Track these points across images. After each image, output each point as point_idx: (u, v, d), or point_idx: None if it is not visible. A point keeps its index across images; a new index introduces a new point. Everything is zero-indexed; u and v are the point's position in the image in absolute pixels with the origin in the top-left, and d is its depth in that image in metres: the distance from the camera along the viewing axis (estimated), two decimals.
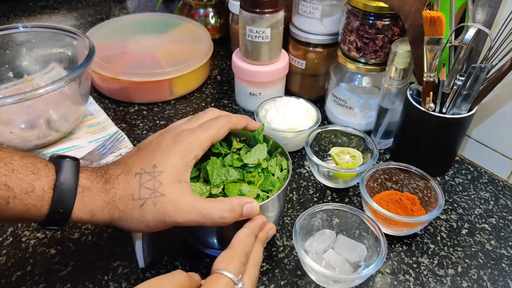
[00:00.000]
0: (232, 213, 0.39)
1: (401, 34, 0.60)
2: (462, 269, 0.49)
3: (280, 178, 0.47)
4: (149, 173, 0.38)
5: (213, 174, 0.44)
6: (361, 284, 0.47)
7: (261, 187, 0.45)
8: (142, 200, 0.37)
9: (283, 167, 0.48)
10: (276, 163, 0.48)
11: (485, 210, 0.57)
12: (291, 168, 0.47)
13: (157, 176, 0.38)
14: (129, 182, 0.38)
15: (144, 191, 0.38)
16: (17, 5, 1.09)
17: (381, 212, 0.48)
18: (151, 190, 0.38)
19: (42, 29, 0.67)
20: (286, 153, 0.48)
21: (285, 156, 0.48)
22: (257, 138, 0.48)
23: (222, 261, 0.37)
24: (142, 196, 0.38)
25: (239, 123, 0.46)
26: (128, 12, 1.10)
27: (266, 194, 0.45)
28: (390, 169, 0.56)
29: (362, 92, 0.66)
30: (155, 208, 0.37)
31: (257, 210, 0.40)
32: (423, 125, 0.57)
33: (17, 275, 0.46)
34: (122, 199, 0.38)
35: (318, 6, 0.64)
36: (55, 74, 0.68)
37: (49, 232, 0.51)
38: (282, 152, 0.49)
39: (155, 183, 0.38)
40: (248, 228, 0.41)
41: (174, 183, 0.38)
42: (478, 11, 0.52)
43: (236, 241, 0.39)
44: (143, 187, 0.38)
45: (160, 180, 0.38)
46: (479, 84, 0.51)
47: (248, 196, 0.43)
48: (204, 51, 0.78)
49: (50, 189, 0.35)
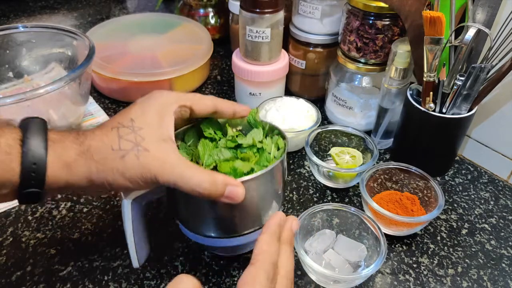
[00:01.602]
0: (212, 186, 0.35)
1: (401, 34, 0.60)
2: (462, 269, 0.49)
3: (277, 156, 0.43)
4: (128, 127, 0.36)
5: (205, 155, 0.42)
6: (361, 284, 0.47)
7: (256, 164, 0.42)
8: (123, 151, 0.35)
9: (279, 146, 0.44)
10: (272, 141, 0.45)
11: (485, 210, 0.57)
12: (288, 145, 0.43)
13: (138, 131, 0.36)
14: (106, 134, 0.36)
15: (125, 143, 0.35)
16: (17, 5, 1.09)
17: (381, 212, 0.48)
18: (133, 143, 0.35)
19: (42, 29, 0.67)
20: (282, 133, 0.45)
21: (282, 136, 0.45)
22: (252, 122, 0.45)
23: (245, 284, 0.32)
24: (123, 147, 0.35)
25: (225, 103, 0.43)
26: (128, 12, 1.10)
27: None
28: (390, 169, 0.56)
29: (362, 92, 0.66)
30: (138, 162, 0.35)
31: (241, 196, 0.36)
32: (423, 125, 0.57)
33: (17, 275, 0.46)
34: (98, 150, 0.35)
35: (318, 6, 0.64)
36: (55, 74, 0.68)
37: (49, 232, 0.51)
38: (279, 132, 0.46)
39: (137, 138, 0.35)
40: (267, 233, 0.36)
41: (159, 141, 0.36)
42: (478, 11, 0.52)
43: (256, 253, 0.34)
44: (124, 139, 0.35)
45: (142, 136, 0.36)
46: (479, 84, 0.51)
47: (241, 169, 0.39)
48: (204, 51, 0.78)
49: (17, 144, 0.33)
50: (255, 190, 0.39)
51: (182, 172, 0.35)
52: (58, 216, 0.53)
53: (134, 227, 0.40)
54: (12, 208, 0.54)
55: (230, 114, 0.44)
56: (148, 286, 0.46)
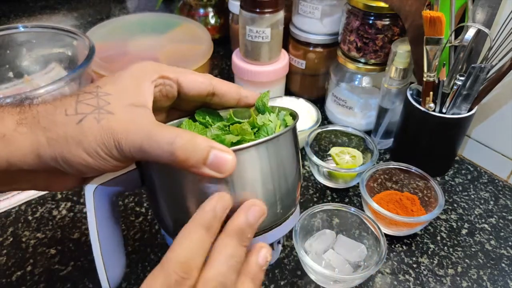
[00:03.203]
0: (189, 144, 0.26)
1: (401, 34, 0.60)
2: (462, 269, 0.49)
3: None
4: (91, 92, 0.28)
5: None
6: (361, 284, 0.47)
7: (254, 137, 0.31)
8: (80, 115, 0.27)
9: (287, 124, 0.34)
10: (278, 118, 0.34)
11: (485, 210, 0.57)
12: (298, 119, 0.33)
13: (103, 96, 0.28)
14: (60, 100, 0.28)
15: (84, 106, 0.27)
16: (17, 5, 1.09)
17: (381, 212, 0.48)
18: (93, 107, 0.27)
19: (42, 29, 0.67)
20: (293, 112, 0.35)
21: (292, 115, 0.35)
22: (260, 108, 0.35)
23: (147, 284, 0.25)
24: (80, 111, 0.27)
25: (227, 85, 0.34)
26: (128, 12, 1.10)
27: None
28: (390, 169, 0.56)
29: (362, 92, 0.66)
30: (99, 125, 0.27)
31: (232, 166, 0.27)
32: (423, 125, 0.57)
33: (17, 275, 0.46)
34: (47, 115, 0.27)
35: (318, 6, 0.64)
36: (55, 74, 0.68)
37: (49, 232, 0.51)
38: (289, 112, 0.36)
39: (100, 102, 0.28)
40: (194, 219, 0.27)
41: (128, 106, 0.28)
42: (478, 11, 0.52)
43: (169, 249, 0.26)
44: (82, 103, 0.28)
45: (107, 100, 0.28)
46: (479, 84, 0.51)
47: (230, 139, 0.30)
48: (204, 51, 0.78)
49: None
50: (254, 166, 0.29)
51: (150, 129, 0.27)
52: (58, 216, 0.53)
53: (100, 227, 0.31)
54: (12, 208, 0.54)
55: (234, 99, 0.34)
56: None
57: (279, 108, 0.36)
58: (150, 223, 0.53)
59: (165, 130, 0.27)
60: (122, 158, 0.28)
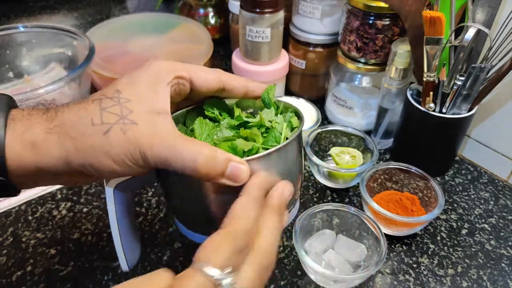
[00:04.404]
0: (211, 162, 0.29)
1: (401, 34, 0.60)
2: (462, 269, 0.49)
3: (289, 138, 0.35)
4: (112, 98, 0.30)
5: (203, 134, 0.35)
6: (361, 284, 0.47)
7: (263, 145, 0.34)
8: (107, 125, 0.29)
9: (293, 125, 0.37)
10: (284, 119, 0.37)
11: (485, 210, 0.57)
12: (303, 123, 0.36)
13: (124, 103, 0.30)
14: (84, 107, 0.30)
15: (108, 115, 0.29)
16: (17, 5, 1.09)
17: (381, 212, 0.48)
18: (118, 116, 0.29)
19: (42, 29, 0.67)
20: (299, 112, 0.38)
21: (297, 115, 0.38)
22: (266, 100, 0.37)
23: (204, 249, 0.26)
24: (106, 120, 0.29)
25: (236, 79, 0.36)
26: (128, 12, 1.10)
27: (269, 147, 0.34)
28: (390, 169, 0.56)
29: (362, 92, 0.66)
30: (125, 137, 0.29)
31: (246, 177, 0.30)
32: (423, 125, 0.57)
33: (17, 275, 0.46)
34: (75, 125, 0.29)
35: (318, 6, 0.64)
36: (55, 74, 0.68)
37: (49, 232, 0.51)
38: (294, 111, 0.38)
39: (123, 110, 0.29)
40: (247, 194, 0.30)
41: (150, 114, 0.30)
42: (478, 11, 0.52)
43: (229, 216, 0.28)
44: (106, 112, 0.29)
45: (130, 108, 0.30)
46: (479, 84, 0.51)
47: (242, 147, 0.33)
48: (204, 51, 0.78)
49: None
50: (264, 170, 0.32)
51: (175, 144, 0.29)
52: (58, 216, 0.53)
53: (120, 221, 0.35)
54: (12, 208, 0.54)
55: (241, 93, 0.36)
56: None
57: (284, 103, 0.38)
58: (150, 223, 0.53)
59: (187, 145, 0.29)
60: (147, 166, 0.30)
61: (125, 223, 0.35)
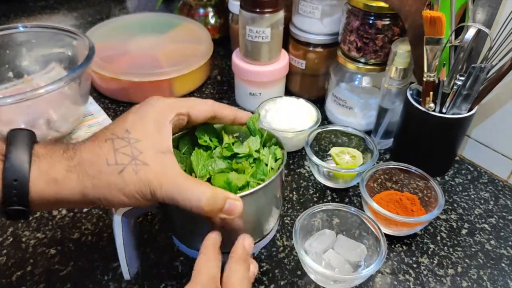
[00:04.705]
0: (212, 201, 0.33)
1: (401, 34, 0.60)
2: (462, 269, 0.49)
3: (274, 168, 0.41)
4: (123, 138, 0.34)
5: (198, 165, 0.40)
6: (361, 284, 0.47)
7: (252, 177, 0.40)
8: (121, 166, 0.33)
9: (277, 157, 0.42)
10: (269, 151, 0.43)
11: (485, 210, 0.57)
12: (286, 157, 0.42)
13: (134, 143, 0.34)
14: (99, 146, 0.34)
15: (122, 156, 0.33)
16: (17, 5, 1.09)
17: (381, 212, 0.48)
18: (130, 157, 0.33)
19: (42, 29, 0.67)
20: (280, 142, 0.43)
21: (279, 145, 0.43)
22: (251, 129, 0.43)
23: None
24: (120, 161, 0.33)
25: (226, 109, 0.41)
26: (128, 12, 1.10)
27: (258, 182, 0.40)
28: (390, 169, 0.56)
29: (362, 92, 0.66)
30: (137, 177, 0.33)
31: (239, 211, 0.35)
32: (423, 125, 0.57)
33: (17, 275, 0.46)
34: (92, 164, 0.33)
35: (318, 6, 0.64)
36: (55, 74, 0.68)
37: (49, 232, 0.51)
38: (277, 142, 0.44)
39: (134, 151, 0.33)
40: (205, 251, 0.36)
41: (157, 154, 0.34)
42: (478, 11, 0.52)
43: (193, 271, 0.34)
44: (119, 153, 0.33)
45: (139, 149, 0.34)
46: (479, 84, 0.51)
47: (236, 183, 0.38)
48: (204, 51, 0.78)
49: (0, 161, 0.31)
50: (251, 205, 0.38)
51: (181, 185, 0.33)
52: (58, 216, 0.53)
53: (125, 241, 0.39)
54: None
55: (230, 120, 0.42)
56: (148, 286, 0.46)
57: (267, 132, 0.44)
58: (150, 223, 0.53)
59: (192, 187, 0.34)
60: (154, 200, 0.34)
61: (129, 243, 0.40)
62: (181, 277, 0.47)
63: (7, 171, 0.31)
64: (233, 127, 0.45)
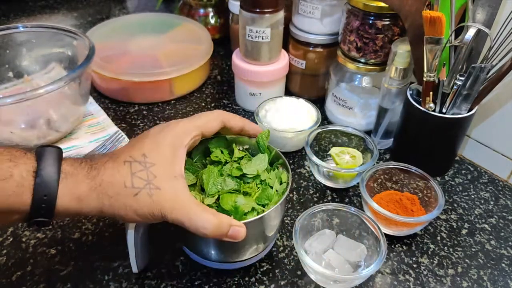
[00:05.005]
0: (217, 229, 0.37)
1: (401, 34, 0.60)
2: (462, 269, 0.49)
3: (279, 191, 0.45)
4: (140, 162, 0.37)
5: (209, 183, 0.43)
6: (361, 284, 0.47)
7: (257, 200, 0.43)
8: (136, 189, 0.36)
9: (282, 180, 0.46)
10: (276, 175, 0.46)
11: (485, 210, 0.57)
12: (291, 181, 0.45)
13: (150, 167, 0.37)
14: (118, 169, 0.37)
15: (138, 180, 0.36)
16: (17, 5, 1.09)
17: (381, 212, 0.48)
18: (145, 181, 0.36)
19: (42, 29, 0.67)
20: (287, 165, 0.46)
21: (286, 168, 0.46)
22: (260, 145, 0.47)
23: None
24: (136, 185, 0.36)
25: (233, 120, 0.45)
26: (128, 12, 1.10)
27: (262, 208, 0.43)
28: (390, 169, 0.56)
29: (362, 92, 0.66)
30: (151, 200, 0.36)
31: (243, 236, 0.39)
32: (423, 125, 0.57)
33: (17, 275, 0.46)
34: (111, 185, 0.36)
35: (318, 6, 0.64)
36: (55, 74, 0.68)
37: (49, 232, 0.51)
38: (283, 164, 0.47)
39: (149, 175, 0.37)
40: None
41: (170, 178, 0.37)
42: (478, 11, 0.52)
43: None
44: (136, 176, 0.37)
45: (154, 173, 0.37)
46: (479, 84, 0.51)
47: (242, 209, 0.42)
48: (204, 51, 0.78)
49: (30, 176, 0.34)
50: (256, 228, 0.42)
51: (189, 213, 0.37)
52: None
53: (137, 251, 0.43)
54: None
55: (238, 131, 0.46)
56: (148, 285, 0.46)
57: (276, 151, 0.47)
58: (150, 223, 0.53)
59: (200, 214, 0.37)
60: (163, 220, 0.37)
61: (140, 250, 0.44)
62: (181, 277, 0.47)
63: (38, 187, 0.34)
64: (244, 139, 0.48)
